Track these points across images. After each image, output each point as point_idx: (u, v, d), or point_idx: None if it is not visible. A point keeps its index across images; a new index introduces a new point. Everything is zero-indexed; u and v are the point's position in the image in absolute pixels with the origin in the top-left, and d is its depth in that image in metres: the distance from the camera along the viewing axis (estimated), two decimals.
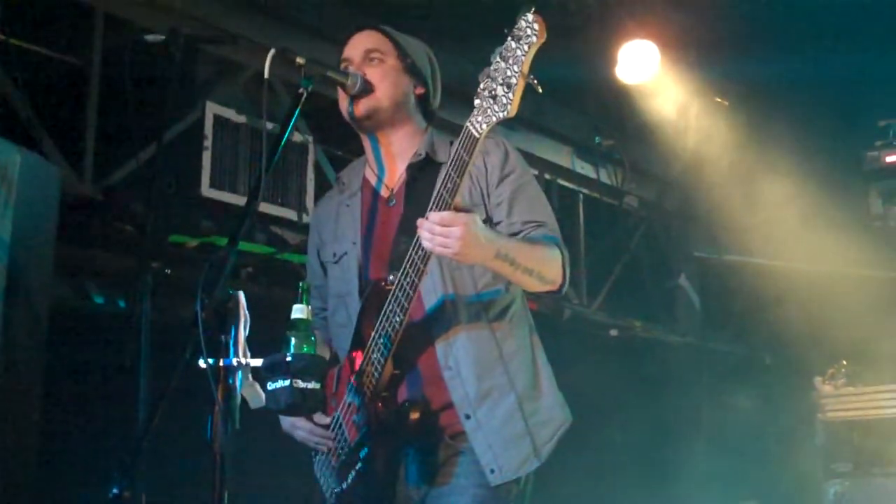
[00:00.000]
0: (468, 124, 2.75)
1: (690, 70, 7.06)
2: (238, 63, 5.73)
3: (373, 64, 3.17)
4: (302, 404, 2.52)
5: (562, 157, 7.72)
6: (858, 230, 7.19)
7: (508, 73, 2.67)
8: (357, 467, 3.02)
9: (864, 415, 6.71)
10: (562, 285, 3.05)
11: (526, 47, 2.66)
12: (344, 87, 3.12)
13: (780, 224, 8.16)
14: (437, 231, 2.72)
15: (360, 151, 3.42)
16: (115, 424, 4.84)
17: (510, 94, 2.68)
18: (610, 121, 7.84)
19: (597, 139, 7.81)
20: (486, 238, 2.80)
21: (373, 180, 3.28)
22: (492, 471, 2.96)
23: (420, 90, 3.25)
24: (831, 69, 6.78)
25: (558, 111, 7.50)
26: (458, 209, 2.76)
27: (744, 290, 8.59)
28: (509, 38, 2.69)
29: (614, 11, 6.61)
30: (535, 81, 2.70)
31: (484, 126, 2.73)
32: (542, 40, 2.66)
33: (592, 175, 8.00)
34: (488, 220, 3.07)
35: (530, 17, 2.67)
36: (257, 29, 5.71)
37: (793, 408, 7.15)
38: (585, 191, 8.03)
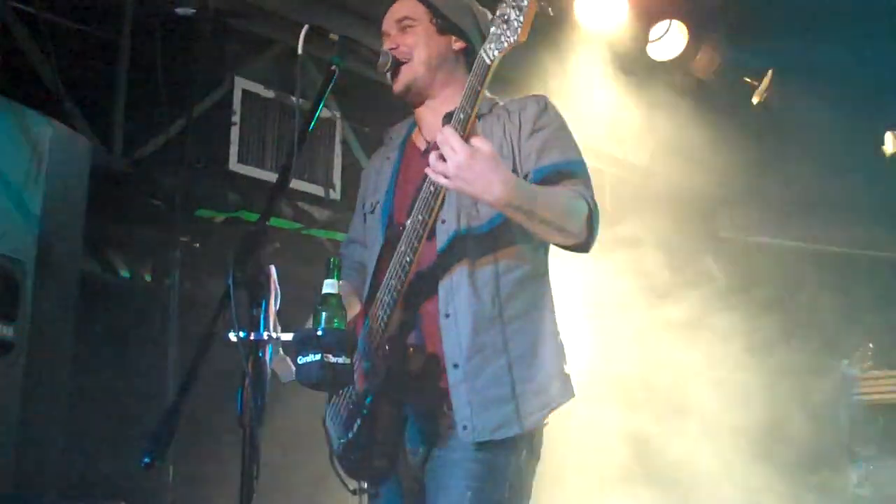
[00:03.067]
0: (481, 52, 2.69)
1: (719, 49, 7.00)
2: (267, 38, 5.74)
3: (405, 31, 3.15)
4: (332, 379, 2.50)
5: (589, 136, 7.68)
6: (888, 213, 7.14)
7: None
8: (363, 415, 2.97)
9: (889, 398, 6.69)
10: (587, 240, 2.96)
11: None
12: (374, 64, 3.10)
13: (807, 205, 8.12)
14: (444, 150, 2.67)
15: (388, 128, 3.42)
16: (143, 397, 4.89)
17: (521, 18, 2.61)
18: (636, 99, 7.79)
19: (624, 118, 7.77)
20: (499, 181, 2.69)
21: (416, 136, 3.27)
22: (464, 427, 2.89)
23: (460, 45, 3.19)
24: (861, 54, 6.73)
25: (585, 90, 7.46)
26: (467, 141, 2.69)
27: (770, 272, 8.55)
28: None
29: None
30: (547, 6, 2.65)
31: (496, 52, 2.67)
32: None
33: (618, 154, 7.96)
34: (516, 174, 2.97)
35: None
36: (287, 4, 5.70)
37: (818, 390, 7.12)
38: (613, 170, 8.00)
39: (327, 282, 2.62)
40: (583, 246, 2.98)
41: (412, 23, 3.15)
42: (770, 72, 7.12)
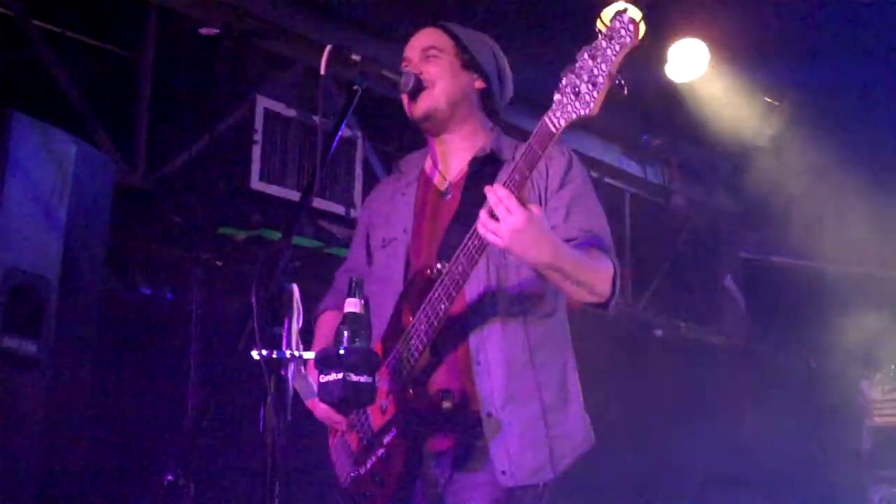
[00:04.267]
0: (545, 118, 2.67)
1: (740, 69, 6.99)
2: (289, 58, 5.77)
3: (429, 61, 3.14)
4: (354, 398, 2.50)
5: (609, 154, 7.69)
6: None
7: (595, 71, 2.59)
8: (380, 453, 2.99)
9: None
10: (609, 299, 2.99)
11: (618, 48, 2.57)
12: (398, 85, 3.11)
13: (829, 227, 8.08)
14: (498, 210, 2.64)
15: (409, 147, 3.42)
16: (164, 413, 4.90)
17: (594, 93, 2.60)
18: (658, 119, 7.79)
19: (644, 137, 7.78)
20: (547, 245, 2.72)
21: (431, 172, 3.26)
22: (503, 472, 2.92)
23: (481, 84, 3.21)
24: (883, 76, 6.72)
25: (606, 109, 7.47)
26: (522, 203, 2.68)
27: (790, 293, 8.51)
28: (600, 37, 2.60)
29: (664, 9, 6.57)
30: (622, 82, 2.62)
31: (562, 122, 2.65)
32: (636, 43, 2.58)
33: (639, 174, 7.96)
34: None
35: (626, 17, 2.58)
36: (309, 24, 5.74)
37: (840, 412, 7.08)
38: (632, 189, 8.00)
39: (349, 300, 2.63)
40: (604, 305, 3.00)
41: (438, 53, 3.16)
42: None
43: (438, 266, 2.93)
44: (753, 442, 7.17)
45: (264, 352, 2.43)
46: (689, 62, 6.77)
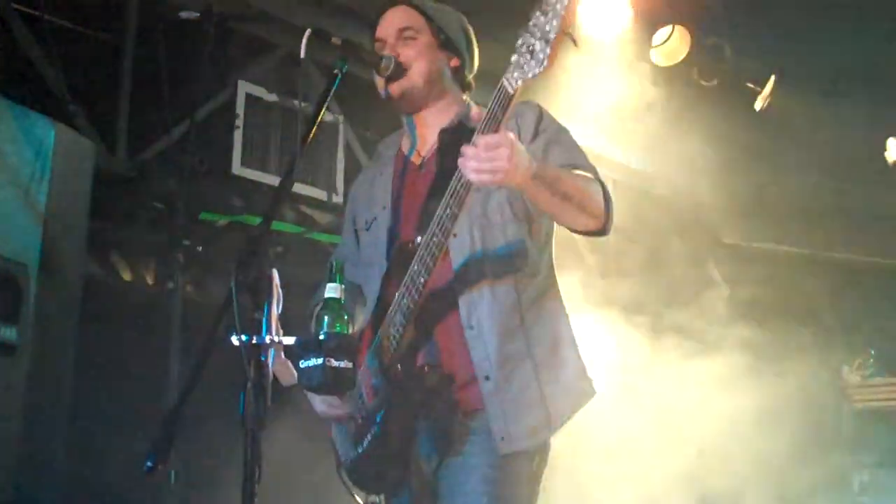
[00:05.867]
0: (503, 80, 2.66)
1: (721, 54, 6.99)
2: (270, 42, 5.74)
3: (406, 43, 3.14)
4: (334, 383, 2.51)
5: (593, 141, 7.67)
6: (890, 220, 7.15)
7: (547, 27, 2.57)
8: (373, 431, 2.98)
9: (890, 405, 6.68)
10: (606, 222, 2.96)
11: (566, 1, 2.56)
12: (378, 68, 3.11)
13: (810, 212, 8.12)
14: (484, 157, 2.62)
15: (391, 131, 3.42)
16: (145, 400, 4.89)
17: (547, 49, 2.57)
18: (639, 105, 7.78)
19: (626, 123, 7.77)
20: (525, 158, 2.68)
21: (406, 149, 3.28)
22: (501, 438, 2.91)
23: (455, 62, 3.23)
24: (865, 60, 6.73)
25: (587, 94, 7.46)
26: None
27: (771, 279, 8.54)
28: None
29: None
30: (574, 38, 2.61)
31: (519, 82, 2.63)
32: None
33: (621, 159, 7.96)
34: None
35: None
36: (290, 8, 5.71)
37: (820, 397, 7.12)
38: (615, 176, 7.99)
39: (329, 286, 2.63)
40: (602, 229, 2.98)
41: (414, 34, 3.16)
42: (773, 77, 7.11)
43: (418, 239, 2.92)
44: (734, 428, 7.19)
45: (244, 337, 2.43)
46: (672, 47, 6.77)
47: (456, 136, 3.05)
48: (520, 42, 2.63)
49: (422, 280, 2.85)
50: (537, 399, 2.97)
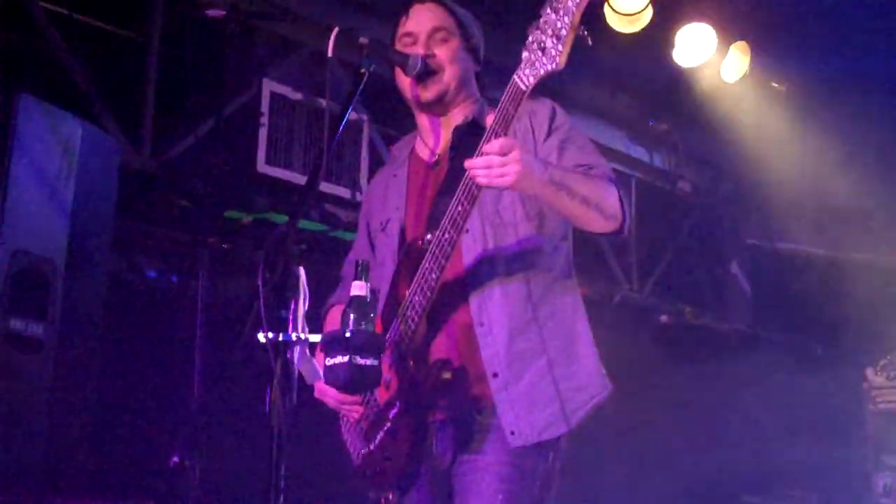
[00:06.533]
0: (515, 77, 2.69)
1: (748, 54, 6.97)
2: (296, 40, 5.76)
3: (440, 44, 3.15)
4: (360, 381, 2.52)
5: (615, 140, 7.67)
6: None
7: (559, 24, 2.59)
8: (386, 427, 3.00)
9: None
10: (622, 224, 2.97)
11: None
12: (404, 68, 3.11)
13: (835, 213, 8.07)
14: (494, 162, 2.66)
15: (414, 130, 3.43)
16: (170, 396, 4.91)
17: (559, 46, 2.60)
18: (665, 105, 7.77)
19: (651, 122, 7.76)
20: (540, 162, 2.74)
21: (421, 149, 3.29)
22: (511, 433, 2.91)
23: (477, 67, 3.26)
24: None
25: (613, 94, 7.46)
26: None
27: (796, 279, 8.51)
28: None
29: None
30: (586, 33, 2.62)
31: (531, 79, 2.66)
32: None
33: (646, 159, 7.94)
34: None
35: None
36: (316, 7, 5.72)
37: (844, 399, 7.08)
38: (638, 174, 7.98)
39: (355, 283, 2.63)
40: (620, 230, 2.99)
41: (447, 36, 3.16)
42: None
43: (428, 237, 2.94)
44: (758, 429, 7.17)
45: (270, 335, 2.44)
46: (697, 47, 6.74)
47: (469, 134, 3.09)
48: (530, 39, 2.65)
49: (434, 277, 2.88)
50: (551, 394, 2.97)
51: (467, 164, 2.72)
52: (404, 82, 3.19)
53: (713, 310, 8.58)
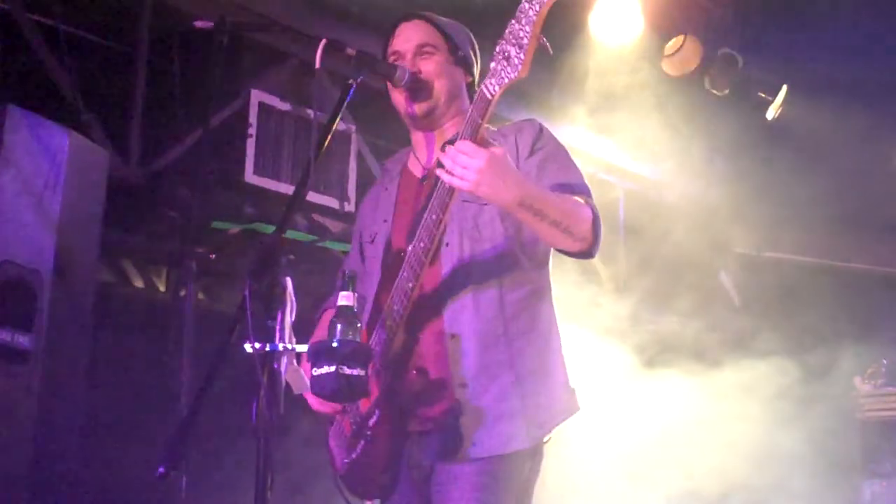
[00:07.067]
0: (482, 86, 2.71)
1: (733, 64, 7.00)
2: (283, 52, 5.76)
3: (425, 58, 3.16)
4: (347, 391, 2.52)
5: (604, 150, 7.69)
6: None
7: (521, 33, 2.61)
8: (367, 436, 3.02)
9: None
10: (592, 246, 2.98)
11: (538, 7, 2.59)
12: (392, 79, 3.12)
13: (822, 221, 8.10)
14: (458, 161, 2.70)
15: (403, 141, 3.44)
16: (157, 406, 4.90)
17: (521, 55, 2.62)
18: (650, 112, 7.79)
19: (637, 131, 7.78)
20: (513, 181, 2.74)
21: (413, 165, 3.30)
22: (473, 443, 2.93)
23: (468, 78, 3.26)
24: (875, 68, 6.73)
25: (599, 102, 7.47)
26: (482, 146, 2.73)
27: (784, 288, 8.53)
28: (523, 1, 2.63)
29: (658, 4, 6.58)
30: (546, 43, 2.64)
31: (496, 87, 2.68)
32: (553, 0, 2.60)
33: (634, 168, 7.96)
34: None
35: None
36: (303, 18, 5.73)
37: (832, 407, 7.10)
38: (626, 184, 8.00)
39: (342, 294, 2.64)
40: (587, 252, 3.00)
41: (433, 50, 3.17)
42: (784, 87, 7.11)
43: (410, 248, 2.95)
44: (745, 437, 7.18)
45: (257, 345, 2.44)
46: (683, 56, 6.78)
47: None
48: (497, 49, 2.67)
49: (410, 286, 2.91)
50: (515, 409, 2.98)
51: (438, 171, 2.75)
52: (398, 99, 3.20)
53: (701, 319, 8.59)
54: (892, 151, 7.28)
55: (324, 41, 2.89)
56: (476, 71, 3.29)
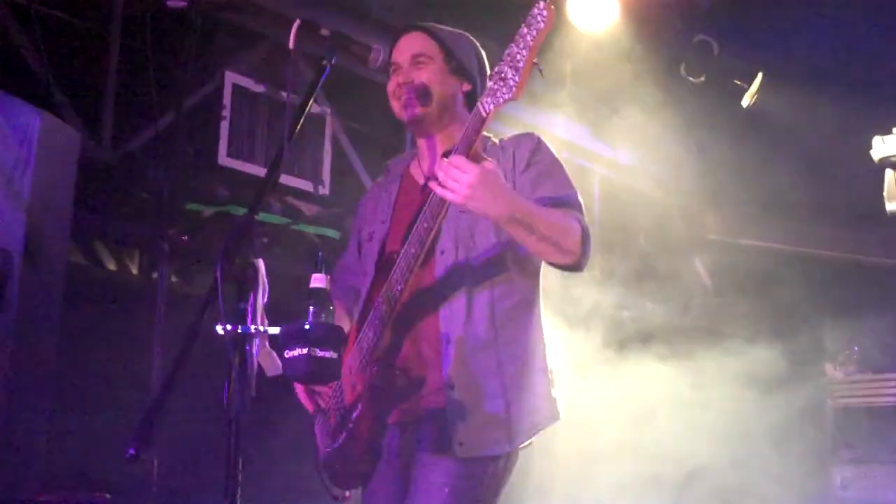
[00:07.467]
0: (478, 104, 2.81)
1: (709, 51, 7.01)
2: (258, 33, 5.73)
3: (419, 67, 3.24)
4: (319, 373, 2.53)
5: (579, 135, 7.69)
6: (874, 217, 7.16)
7: (518, 57, 2.72)
8: (348, 427, 3.11)
9: (873, 402, 6.71)
10: (580, 259, 3.07)
11: (535, 33, 2.71)
12: (366, 60, 3.11)
13: (795, 208, 8.14)
14: (451, 174, 2.79)
15: (379, 124, 3.47)
16: (128, 389, 4.88)
17: (516, 77, 2.72)
18: (625, 99, 7.80)
19: (614, 118, 7.78)
20: (504, 196, 2.85)
21: (415, 170, 3.38)
22: (460, 443, 3.02)
23: (466, 87, 3.32)
24: (851, 57, 6.76)
25: (576, 89, 7.47)
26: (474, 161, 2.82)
27: (758, 275, 8.58)
28: (522, 24, 2.74)
29: None
30: (540, 67, 2.77)
31: (491, 106, 2.78)
32: (550, 27, 2.73)
33: (609, 154, 7.97)
34: None
35: (542, 4, 2.74)
36: None
37: (803, 393, 7.15)
38: (601, 170, 8.00)
39: (315, 276, 2.64)
40: (576, 265, 3.09)
41: (427, 60, 3.25)
42: (760, 75, 7.13)
43: (402, 251, 3.03)
44: (716, 423, 7.22)
45: (229, 327, 2.43)
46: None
47: None
48: (496, 69, 2.78)
49: (398, 289, 3.01)
50: (500, 414, 3.08)
51: (431, 183, 2.85)
52: (392, 105, 3.28)
53: (675, 305, 8.62)
54: (866, 140, 7.31)
55: (298, 22, 2.88)
56: (481, 79, 3.35)
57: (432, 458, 3.05)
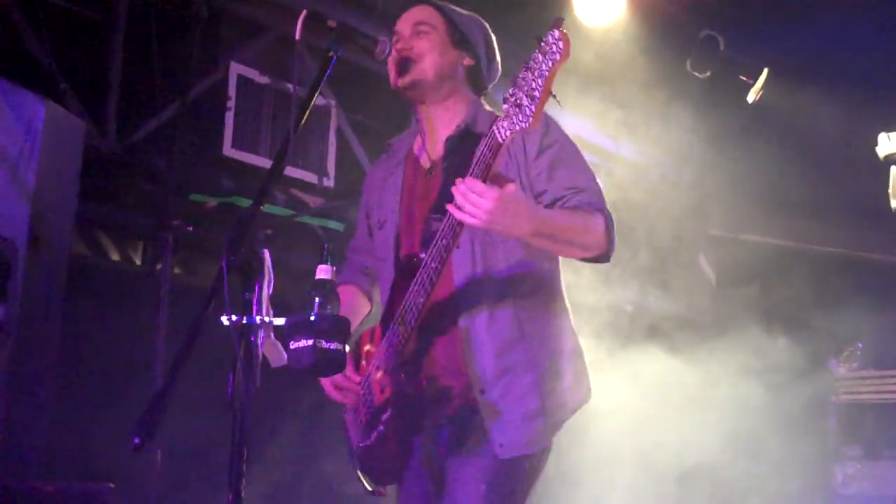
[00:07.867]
0: (494, 128, 2.75)
1: (715, 46, 7.00)
2: (263, 24, 5.71)
3: (420, 36, 3.20)
4: (324, 365, 2.51)
5: (583, 129, 7.67)
6: (879, 215, 7.16)
7: (533, 85, 2.65)
8: (379, 429, 3.10)
9: (877, 398, 6.70)
10: (607, 250, 3.06)
11: (551, 63, 2.63)
12: (372, 52, 3.10)
13: (800, 205, 8.13)
14: (468, 199, 2.70)
15: (384, 116, 3.43)
16: (132, 379, 4.88)
17: (532, 107, 2.66)
18: (630, 94, 7.79)
19: (618, 113, 7.77)
20: (525, 216, 2.77)
21: (418, 151, 3.33)
22: (501, 445, 3.00)
23: (469, 61, 3.27)
24: (857, 54, 6.74)
25: (581, 84, 7.46)
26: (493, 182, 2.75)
27: (760, 270, 8.57)
28: (537, 51, 2.66)
29: None
30: (557, 98, 2.69)
31: (507, 133, 2.72)
32: (566, 59, 2.64)
33: (613, 149, 7.96)
34: (527, 191, 3.06)
35: (557, 33, 2.64)
36: None
37: (806, 389, 7.15)
38: (606, 165, 7.99)
39: (321, 267, 2.62)
40: (603, 257, 3.08)
41: (428, 29, 3.21)
42: (766, 70, 7.12)
43: (422, 255, 2.98)
44: (719, 418, 7.22)
45: (234, 318, 2.42)
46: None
47: (462, 144, 3.15)
48: (510, 92, 2.70)
49: (420, 300, 2.95)
50: (537, 410, 3.05)
51: (448, 206, 2.76)
52: (392, 75, 3.22)
53: (678, 299, 8.62)
54: (872, 137, 7.29)
55: (304, 12, 2.86)
56: (487, 58, 3.31)
57: (468, 458, 3.03)
